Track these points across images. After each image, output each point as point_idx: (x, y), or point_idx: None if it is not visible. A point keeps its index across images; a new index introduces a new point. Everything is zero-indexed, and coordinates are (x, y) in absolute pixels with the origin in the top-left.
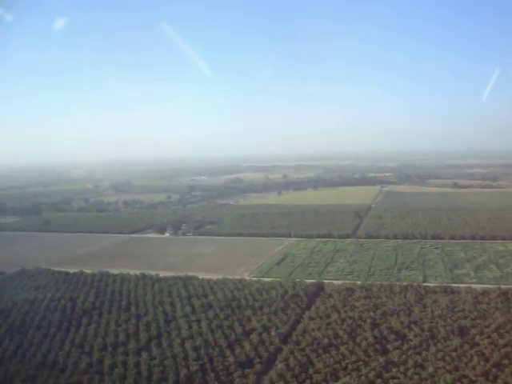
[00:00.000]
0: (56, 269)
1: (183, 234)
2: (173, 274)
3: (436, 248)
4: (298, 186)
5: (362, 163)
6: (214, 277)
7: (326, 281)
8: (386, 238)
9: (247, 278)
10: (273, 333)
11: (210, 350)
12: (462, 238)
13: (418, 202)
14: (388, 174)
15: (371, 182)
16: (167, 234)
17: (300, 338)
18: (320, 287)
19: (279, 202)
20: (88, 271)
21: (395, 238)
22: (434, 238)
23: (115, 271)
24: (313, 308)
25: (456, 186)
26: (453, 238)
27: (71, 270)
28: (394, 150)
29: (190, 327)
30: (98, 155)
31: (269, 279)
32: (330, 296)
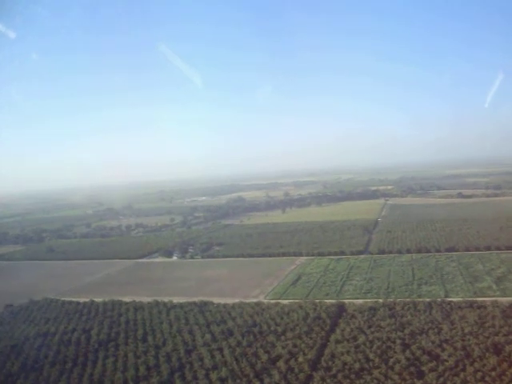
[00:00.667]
0: (65, 299)
1: (191, 257)
2: (187, 299)
3: (452, 261)
4: (301, 202)
5: (362, 177)
6: (230, 301)
7: (345, 300)
8: (399, 252)
9: (264, 300)
10: (300, 359)
11: (238, 381)
12: (477, 249)
13: (425, 214)
14: (390, 187)
15: (374, 195)
16: (175, 258)
17: (330, 363)
18: (341, 307)
19: (284, 220)
20: (98, 300)
21: (408, 252)
22: (448, 250)
23: (127, 299)
24: (337, 330)
25: (460, 196)
26: (467, 249)
27: (81, 300)
28: (393, 162)
29: (213, 356)
30: (96, 179)
31: (287, 301)
32: (353, 317)
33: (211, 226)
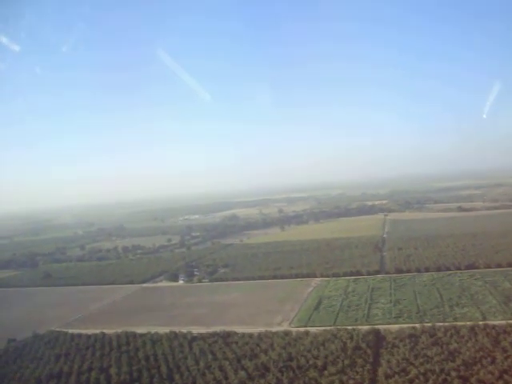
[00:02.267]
0: (72, 331)
1: (199, 281)
2: (206, 329)
3: (476, 279)
4: (298, 219)
5: (353, 192)
6: (254, 330)
7: (379, 326)
8: (418, 271)
9: (291, 329)
10: None
11: None
12: (499, 265)
13: (430, 229)
14: (385, 202)
15: (371, 211)
16: (181, 282)
17: None
18: (377, 335)
19: (286, 239)
20: (110, 332)
21: (427, 270)
22: (468, 268)
23: (140, 330)
24: (383, 362)
25: (461, 209)
26: (488, 266)
27: (90, 332)
28: (379, 176)
29: None
30: (83, 198)
31: (315, 329)
32: (394, 346)
33: (211, 246)
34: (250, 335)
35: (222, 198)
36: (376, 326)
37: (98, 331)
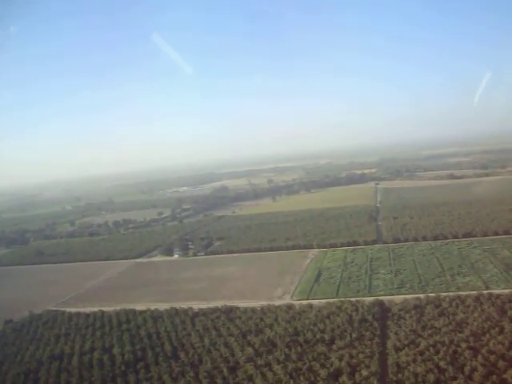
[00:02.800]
0: (69, 310)
1: (194, 255)
2: (206, 304)
3: (474, 248)
4: (288, 189)
5: (340, 161)
6: (256, 304)
7: (382, 298)
8: (415, 240)
9: (293, 302)
10: (364, 372)
11: None
12: (496, 233)
13: (423, 197)
14: (374, 170)
15: (362, 179)
16: (176, 256)
17: (399, 375)
18: (382, 306)
19: (279, 209)
20: (108, 310)
21: (425, 239)
22: (466, 236)
23: (140, 307)
24: (391, 335)
25: (451, 177)
26: (485, 234)
27: (87, 310)
28: (366, 145)
29: (263, 374)
30: (68, 171)
31: (317, 301)
32: (400, 317)
33: (203, 218)
34: (253, 309)
35: (208, 169)
36: (380, 298)
37: (96, 309)
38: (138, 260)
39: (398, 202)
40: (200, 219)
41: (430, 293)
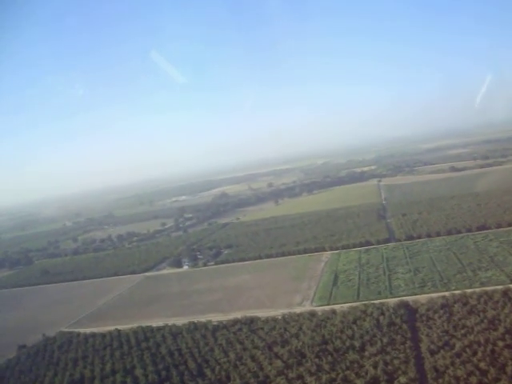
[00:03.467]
0: (83, 330)
1: (204, 265)
2: (225, 316)
3: (491, 240)
4: (290, 192)
5: (338, 159)
6: (276, 313)
7: (406, 298)
8: (429, 236)
9: (314, 308)
10: (403, 379)
11: None
12: (510, 224)
13: (428, 192)
14: (373, 167)
15: (363, 177)
16: (186, 267)
17: (440, 381)
18: (407, 308)
19: (283, 213)
20: (124, 328)
21: (438, 235)
22: (479, 229)
23: (156, 323)
24: (423, 337)
25: (453, 169)
26: (499, 226)
27: (102, 329)
28: (362, 142)
29: None
30: (61, 189)
31: (339, 306)
32: (429, 318)
33: (208, 226)
34: (275, 319)
35: (204, 176)
36: (403, 298)
37: (111, 328)
38: (147, 274)
39: (403, 198)
40: (204, 228)
41: (454, 290)
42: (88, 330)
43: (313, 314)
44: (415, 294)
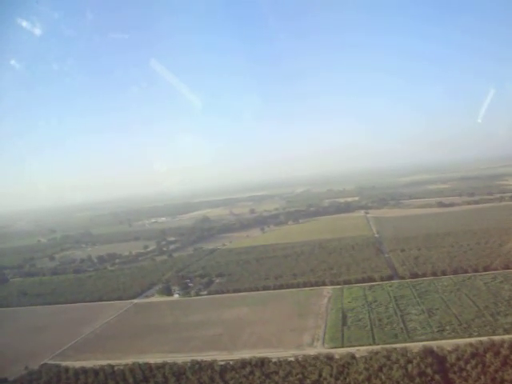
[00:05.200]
0: (71, 364)
1: (197, 294)
2: (230, 356)
3: (501, 282)
4: (275, 220)
5: (317, 189)
6: (286, 354)
7: (429, 343)
8: (434, 275)
9: (328, 350)
10: None
11: None
12: None
13: (420, 227)
14: (357, 198)
15: (349, 208)
16: (176, 296)
17: None
18: (433, 355)
19: (272, 242)
20: (118, 363)
21: (444, 274)
22: (486, 269)
23: (153, 359)
24: None
25: (441, 205)
26: (507, 267)
27: (92, 364)
28: (328, 172)
29: None
30: (31, 202)
31: (355, 349)
32: (461, 369)
33: (193, 252)
34: (288, 362)
35: (181, 198)
36: (425, 344)
37: (102, 363)
38: (134, 301)
39: (396, 232)
40: (190, 253)
41: (478, 336)
42: (76, 364)
43: (330, 358)
44: (435, 339)
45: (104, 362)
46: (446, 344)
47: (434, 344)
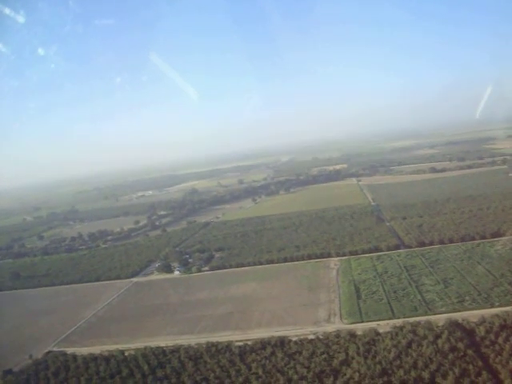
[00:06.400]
0: (77, 351)
1: (198, 270)
2: (246, 335)
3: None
4: (266, 190)
5: (302, 157)
6: (304, 331)
7: (449, 315)
8: (442, 243)
9: (349, 326)
10: None
11: None
12: None
13: (417, 193)
14: (345, 166)
15: (339, 176)
16: (177, 273)
17: None
18: (460, 328)
19: (266, 213)
20: (128, 348)
21: (451, 242)
22: (494, 236)
23: (165, 342)
24: (499, 368)
25: (434, 170)
26: None
27: (100, 349)
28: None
29: None
30: (11, 181)
31: (376, 324)
32: (492, 342)
33: (187, 226)
34: (309, 340)
35: (165, 170)
36: (449, 316)
37: (111, 348)
38: (134, 279)
39: (393, 199)
40: (184, 227)
41: (499, 307)
42: (83, 351)
43: (353, 335)
44: (457, 311)
45: (112, 347)
46: (470, 315)
47: (457, 316)
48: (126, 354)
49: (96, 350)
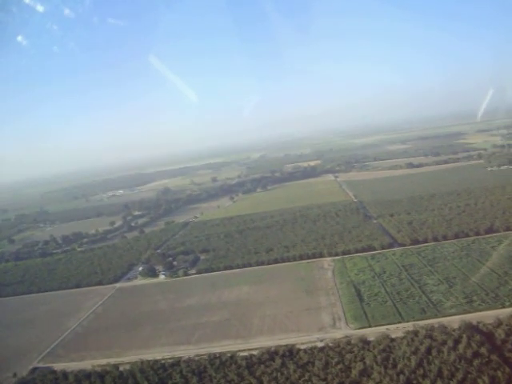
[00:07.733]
0: (66, 366)
1: (185, 274)
2: (248, 345)
3: (509, 245)
4: (243, 188)
5: (274, 154)
6: (311, 338)
7: (461, 317)
8: (435, 240)
9: (357, 332)
10: None
11: None
12: None
13: (399, 189)
14: (320, 162)
15: (315, 173)
16: (162, 277)
17: None
18: (478, 331)
19: (247, 211)
20: (121, 362)
21: (445, 239)
22: (488, 232)
23: (161, 355)
24: None
25: (411, 166)
26: (509, 229)
27: (92, 365)
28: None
29: None
30: None
31: (385, 329)
32: None
33: (165, 226)
34: (319, 348)
35: (132, 169)
36: (463, 318)
37: (102, 362)
38: (117, 285)
39: (376, 196)
40: (162, 228)
41: (511, 306)
42: (73, 366)
43: (365, 342)
44: (468, 312)
45: (104, 361)
46: (483, 317)
47: (469, 318)
48: (121, 368)
49: (86, 365)
